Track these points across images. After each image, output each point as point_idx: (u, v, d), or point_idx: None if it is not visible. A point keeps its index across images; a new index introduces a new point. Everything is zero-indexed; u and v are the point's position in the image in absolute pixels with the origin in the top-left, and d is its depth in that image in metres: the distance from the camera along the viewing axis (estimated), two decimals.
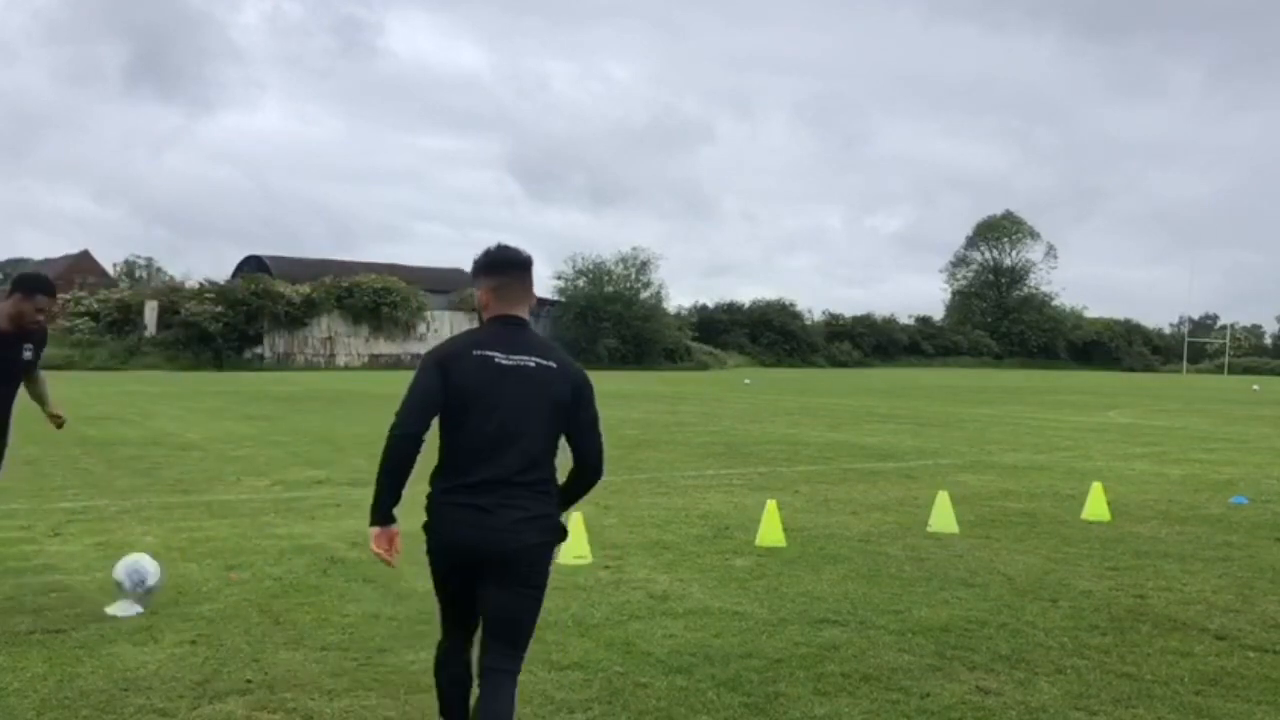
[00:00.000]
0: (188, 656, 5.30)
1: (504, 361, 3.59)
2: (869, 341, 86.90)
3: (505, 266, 3.72)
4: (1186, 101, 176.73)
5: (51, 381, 6.43)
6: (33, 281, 6.20)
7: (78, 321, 58.39)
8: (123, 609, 6.07)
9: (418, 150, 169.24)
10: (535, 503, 3.58)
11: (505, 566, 3.55)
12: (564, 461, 3.77)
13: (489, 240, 4.01)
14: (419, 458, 3.58)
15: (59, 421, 6.73)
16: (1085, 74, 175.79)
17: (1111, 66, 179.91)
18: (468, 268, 3.93)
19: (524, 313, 3.74)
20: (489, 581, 3.58)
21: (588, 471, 3.79)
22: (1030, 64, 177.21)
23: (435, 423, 3.62)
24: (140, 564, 6.21)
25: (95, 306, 59.63)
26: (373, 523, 3.64)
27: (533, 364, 3.62)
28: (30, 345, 6.20)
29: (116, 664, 5.16)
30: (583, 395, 3.70)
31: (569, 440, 3.71)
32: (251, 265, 71.05)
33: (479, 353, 3.60)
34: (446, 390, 3.56)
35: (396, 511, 3.63)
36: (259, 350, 62.24)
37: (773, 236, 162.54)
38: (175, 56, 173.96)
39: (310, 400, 28.61)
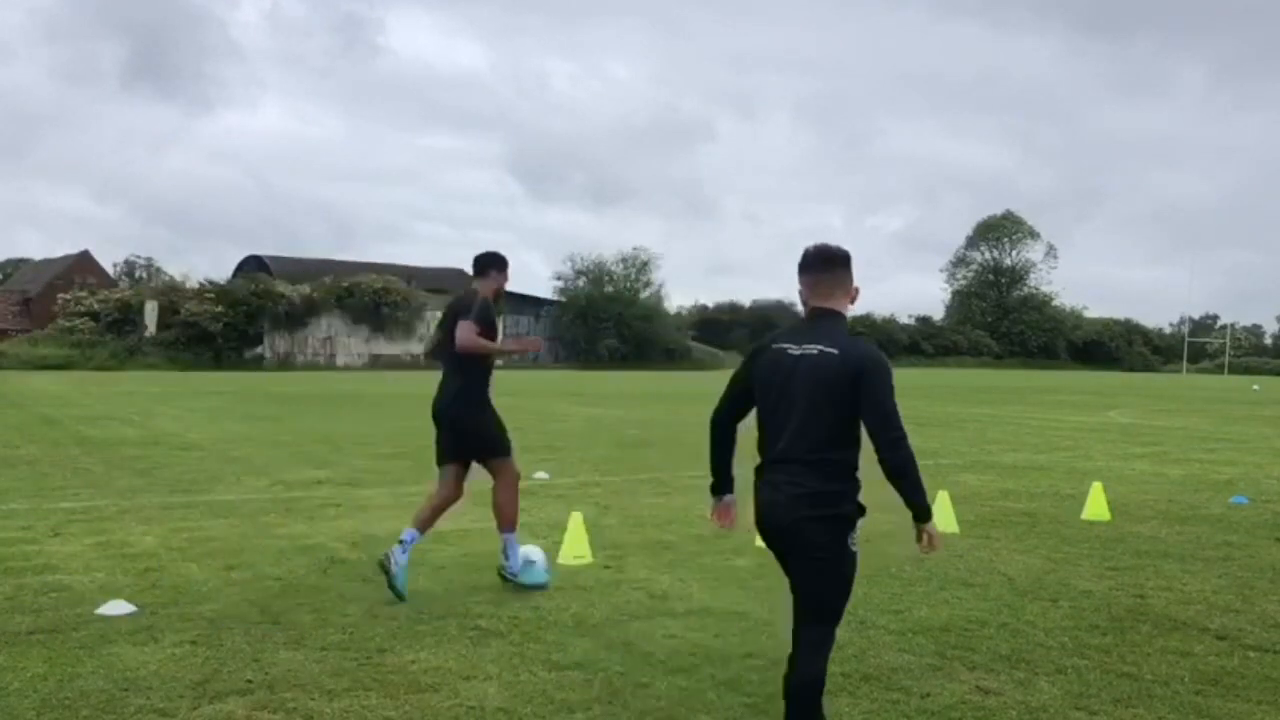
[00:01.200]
0: (188, 656, 5.30)
1: (794, 352, 3.97)
2: (869, 341, 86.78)
3: (815, 264, 4.08)
4: (1189, 101, 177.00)
5: (49, 381, 6.42)
6: (503, 258, 6.96)
7: (78, 321, 58.36)
8: (115, 608, 6.07)
9: (417, 150, 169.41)
10: (816, 480, 3.88)
11: (791, 538, 3.94)
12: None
13: (489, 240, 4.13)
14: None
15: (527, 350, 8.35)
16: (1088, 73, 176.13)
17: (1114, 65, 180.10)
18: (468, 268, 4.00)
19: (836, 304, 4.06)
20: (789, 554, 3.99)
21: (879, 448, 3.90)
22: (1033, 63, 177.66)
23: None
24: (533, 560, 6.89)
25: (95, 306, 59.60)
26: (712, 492, 4.33)
27: (815, 351, 3.92)
28: None
29: (116, 664, 5.16)
30: (864, 377, 3.86)
31: (862, 420, 3.90)
32: (251, 265, 71.07)
33: (776, 346, 4.03)
34: (751, 382, 4.08)
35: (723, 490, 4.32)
36: (259, 350, 62.25)
37: (774, 236, 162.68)
38: (174, 55, 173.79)
39: (310, 400, 28.61)
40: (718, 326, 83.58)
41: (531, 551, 6.90)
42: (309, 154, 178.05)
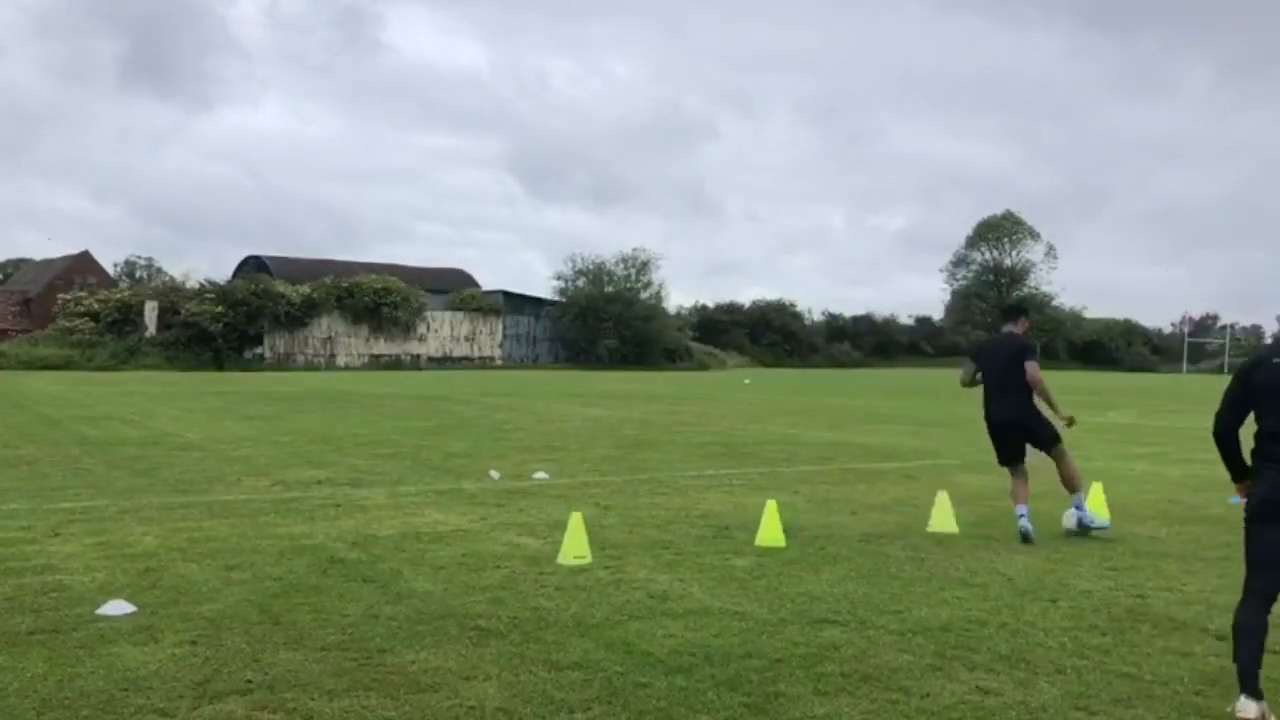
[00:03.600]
0: (188, 656, 5.30)
1: None
2: (869, 341, 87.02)
3: None
4: (1192, 100, 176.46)
5: (49, 382, 6.43)
6: (1028, 308, 10.27)
7: (78, 322, 58.39)
8: (115, 608, 6.07)
9: (417, 149, 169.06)
10: None
11: None
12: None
13: (489, 240, 4.10)
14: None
15: (1069, 421, 9.19)
16: (1092, 71, 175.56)
17: (1117, 64, 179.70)
18: (468, 268, 3.99)
19: None
20: (1276, 526, 4.66)
21: None
22: (1036, 61, 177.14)
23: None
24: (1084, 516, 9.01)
25: (95, 306, 59.62)
26: (1233, 480, 5.09)
27: None
28: None
29: (116, 664, 5.16)
30: None
31: None
32: (251, 265, 71.11)
33: (1276, 360, 4.79)
34: (1248, 392, 4.85)
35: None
36: (259, 350, 62.28)
37: (775, 235, 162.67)
38: (172, 51, 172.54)
39: (310, 400, 28.62)
40: (718, 327, 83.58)
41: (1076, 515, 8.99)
42: (309, 153, 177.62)
